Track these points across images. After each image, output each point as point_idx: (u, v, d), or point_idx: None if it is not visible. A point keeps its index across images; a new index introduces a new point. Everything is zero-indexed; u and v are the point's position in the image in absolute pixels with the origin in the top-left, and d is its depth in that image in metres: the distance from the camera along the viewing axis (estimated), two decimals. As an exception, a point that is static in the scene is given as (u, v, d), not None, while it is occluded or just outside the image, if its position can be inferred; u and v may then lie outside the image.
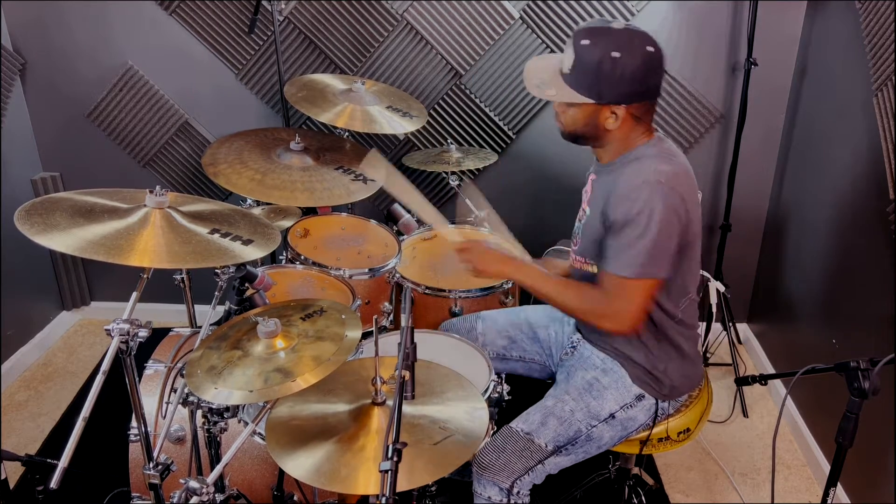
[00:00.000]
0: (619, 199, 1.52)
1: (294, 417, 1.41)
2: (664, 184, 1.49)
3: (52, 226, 1.28)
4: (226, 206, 1.57)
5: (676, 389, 1.72)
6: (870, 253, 2.08)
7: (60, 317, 3.14)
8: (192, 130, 2.87)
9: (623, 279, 1.52)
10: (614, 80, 1.50)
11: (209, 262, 1.33)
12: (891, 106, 1.94)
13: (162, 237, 1.33)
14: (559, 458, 1.67)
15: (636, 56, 1.49)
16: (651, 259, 1.50)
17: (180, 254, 1.31)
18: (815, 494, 2.31)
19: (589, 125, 1.58)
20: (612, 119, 1.54)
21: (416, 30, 2.66)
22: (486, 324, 1.97)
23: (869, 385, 1.38)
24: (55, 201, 1.38)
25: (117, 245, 1.27)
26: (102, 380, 1.24)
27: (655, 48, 1.51)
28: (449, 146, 2.60)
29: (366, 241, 2.35)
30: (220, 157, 2.11)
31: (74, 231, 1.28)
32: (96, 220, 1.33)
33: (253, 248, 1.40)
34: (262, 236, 1.46)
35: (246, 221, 1.51)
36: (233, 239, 1.40)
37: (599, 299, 1.58)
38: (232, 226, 1.46)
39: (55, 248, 1.25)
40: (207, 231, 1.40)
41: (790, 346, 2.68)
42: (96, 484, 2.15)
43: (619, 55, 1.47)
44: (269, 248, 1.43)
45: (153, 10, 2.68)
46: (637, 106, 1.55)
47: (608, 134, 1.58)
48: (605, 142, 1.61)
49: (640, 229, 1.49)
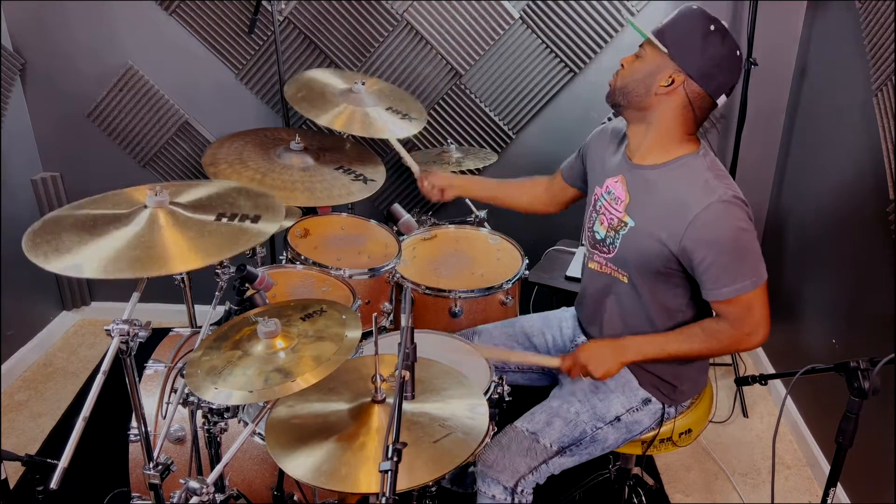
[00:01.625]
0: (701, 227, 1.49)
1: (294, 416, 1.41)
2: (738, 199, 1.50)
3: (64, 250, 1.27)
4: (218, 185, 1.55)
5: (685, 394, 1.72)
6: (870, 253, 2.08)
7: (60, 317, 3.14)
8: (192, 130, 2.87)
9: (747, 296, 1.52)
10: (696, 47, 1.50)
11: (236, 247, 1.32)
12: (891, 106, 1.94)
13: (180, 236, 1.33)
14: (563, 459, 1.67)
15: (726, 43, 1.51)
16: (757, 264, 1.52)
17: (207, 248, 1.31)
18: (815, 494, 2.31)
19: (644, 81, 1.54)
20: (667, 84, 1.52)
21: (416, 30, 2.66)
22: (482, 339, 1.96)
23: (869, 385, 1.37)
24: (56, 221, 1.35)
25: (138, 257, 1.26)
26: (102, 380, 1.24)
27: (740, 57, 1.54)
28: (449, 146, 2.60)
29: (366, 241, 2.35)
30: (220, 157, 2.11)
31: (93, 251, 1.27)
32: (103, 232, 1.32)
33: (263, 223, 1.40)
34: (266, 209, 1.46)
35: (244, 197, 1.50)
36: (241, 219, 1.40)
37: (729, 328, 1.56)
38: (234, 205, 1.45)
39: (82, 276, 1.22)
40: (214, 218, 1.40)
41: (790, 346, 2.68)
42: (96, 484, 2.15)
43: (714, 30, 1.49)
44: (278, 220, 1.43)
45: (153, 9, 2.68)
46: (695, 90, 1.52)
47: (655, 104, 1.55)
48: (647, 115, 1.57)
49: (740, 246, 1.50)
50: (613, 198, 1.65)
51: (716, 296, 1.54)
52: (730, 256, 1.50)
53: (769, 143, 2.76)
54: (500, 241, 2.41)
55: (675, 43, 1.52)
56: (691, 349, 1.61)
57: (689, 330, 1.62)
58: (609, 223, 1.66)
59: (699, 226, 1.48)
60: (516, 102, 2.75)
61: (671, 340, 1.62)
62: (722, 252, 1.49)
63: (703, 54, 1.50)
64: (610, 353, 1.63)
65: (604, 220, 1.67)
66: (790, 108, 2.68)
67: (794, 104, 2.65)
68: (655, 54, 1.54)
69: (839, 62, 2.33)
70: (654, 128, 1.58)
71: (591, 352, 1.65)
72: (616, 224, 1.64)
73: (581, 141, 1.88)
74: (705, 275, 1.52)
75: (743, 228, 1.50)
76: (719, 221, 1.48)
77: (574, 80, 2.70)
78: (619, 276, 1.66)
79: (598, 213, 1.70)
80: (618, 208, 1.64)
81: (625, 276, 1.65)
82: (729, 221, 1.49)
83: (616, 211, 1.64)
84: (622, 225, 1.62)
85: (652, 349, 1.63)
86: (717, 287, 1.52)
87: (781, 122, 2.72)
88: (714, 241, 1.49)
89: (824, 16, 2.44)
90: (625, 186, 1.63)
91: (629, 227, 1.60)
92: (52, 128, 2.89)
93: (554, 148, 2.79)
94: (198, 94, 2.82)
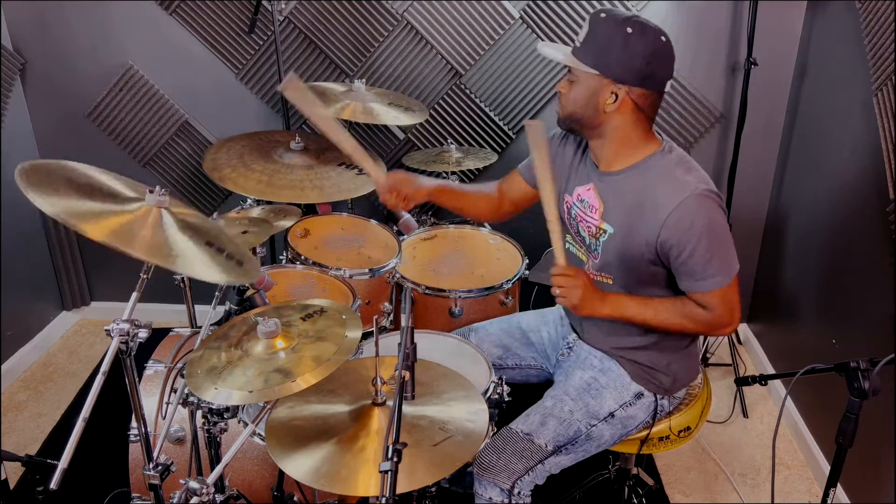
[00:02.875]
0: (675, 223, 1.49)
1: (294, 418, 1.41)
2: (710, 192, 1.51)
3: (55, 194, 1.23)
4: (215, 225, 1.50)
5: (678, 383, 1.73)
6: (870, 253, 2.08)
7: (60, 317, 3.14)
8: (192, 130, 2.87)
9: (723, 289, 1.54)
10: (622, 55, 1.48)
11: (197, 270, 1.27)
12: (891, 106, 1.94)
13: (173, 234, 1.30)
14: (559, 458, 1.67)
15: (648, 39, 1.48)
16: (730, 258, 1.55)
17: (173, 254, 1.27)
18: (815, 494, 2.31)
19: (588, 105, 1.54)
20: (612, 101, 1.51)
21: (416, 30, 2.66)
22: (479, 335, 1.96)
23: (869, 385, 1.38)
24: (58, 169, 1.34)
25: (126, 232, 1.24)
26: (102, 380, 1.24)
27: (667, 41, 1.52)
28: (449, 146, 2.60)
29: (366, 241, 2.35)
30: (221, 161, 2.11)
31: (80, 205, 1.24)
32: (97, 198, 1.30)
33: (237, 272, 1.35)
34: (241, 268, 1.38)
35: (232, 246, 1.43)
36: (227, 258, 1.35)
37: (707, 314, 1.58)
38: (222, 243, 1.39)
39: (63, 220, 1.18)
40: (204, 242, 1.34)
41: (790, 346, 2.68)
42: (96, 484, 2.15)
43: (631, 32, 1.47)
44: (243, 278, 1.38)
45: (153, 9, 2.68)
46: (640, 94, 1.51)
47: (606, 120, 1.55)
48: (602, 131, 1.57)
49: (715, 239, 1.51)
50: (587, 206, 1.66)
51: (694, 288, 1.56)
52: (707, 250, 1.51)
53: (769, 144, 2.76)
54: (500, 241, 2.41)
55: (600, 59, 1.50)
56: (668, 321, 1.61)
57: (671, 303, 1.62)
58: (588, 231, 1.67)
59: (674, 223, 1.50)
60: (516, 102, 2.75)
61: (651, 306, 1.62)
62: (698, 246, 1.50)
63: (633, 59, 1.48)
64: (598, 302, 1.61)
65: (583, 227, 1.68)
66: (790, 108, 2.68)
67: (794, 104, 2.65)
68: (587, 76, 1.52)
69: (839, 62, 2.33)
70: (609, 139, 1.59)
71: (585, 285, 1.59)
72: (595, 231, 1.65)
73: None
74: (683, 268, 1.54)
75: (717, 221, 1.51)
76: (694, 217, 1.49)
77: (574, 80, 2.70)
78: (604, 279, 1.68)
79: (576, 222, 1.71)
80: (594, 216, 1.65)
81: (610, 279, 1.66)
82: (703, 216, 1.49)
83: (592, 219, 1.65)
84: (601, 232, 1.63)
85: (633, 311, 1.62)
86: (694, 280, 1.55)
87: (781, 122, 2.72)
88: (690, 237, 1.50)
89: (824, 16, 2.44)
90: (597, 194, 1.64)
91: (608, 234, 1.62)
92: (53, 128, 2.88)
93: (554, 148, 2.79)
94: (198, 94, 2.82)
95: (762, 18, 2.48)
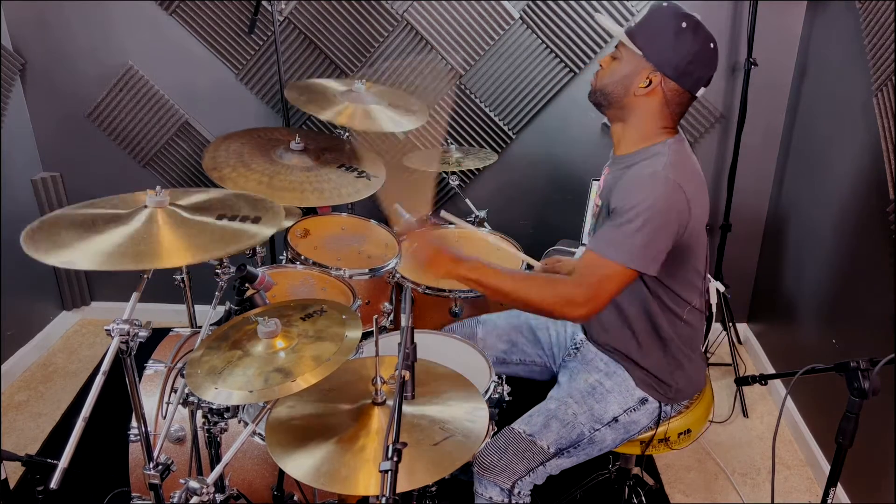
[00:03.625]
0: (623, 187, 1.52)
1: (294, 417, 1.41)
2: (672, 179, 1.48)
3: (62, 245, 1.28)
4: (218, 191, 1.56)
5: (682, 393, 1.72)
6: (870, 253, 2.08)
7: (60, 317, 3.14)
8: (192, 130, 2.87)
9: (605, 261, 1.47)
10: (669, 45, 1.51)
11: (234, 245, 1.33)
12: (891, 106, 1.94)
13: (177, 233, 1.33)
14: (561, 460, 1.67)
15: (698, 39, 1.52)
16: (640, 249, 1.46)
17: (204, 245, 1.31)
18: (815, 494, 2.31)
19: (621, 83, 1.57)
20: (645, 85, 1.54)
21: (416, 30, 2.66)
22: (486, 328, 1.96)
23: (869, 385, 1.37)
24: (55, 220, 1.36)
25: (138, 251, 1.26)
26: (102, 380, 1.24)
27: (715, 49, 1.54)
28: (449, 146, 2.60)
29: (366, 241, 2.35)
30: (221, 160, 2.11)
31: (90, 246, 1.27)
32: (102, 230, 1.32)
33: (263, 225, 1.41)
34: (266, 211, 1.47)
35: (243, 201, 1.51)
36: (241, 220, 1.41)
37: (567, 283, 1.50)
38: (233, 208, 1.46)
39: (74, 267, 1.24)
40: (215, 217, 1.40)
41: (790, 346, 2.68)
42: (96, 484, 2.15)
43: (685, 27, 1.50)
44: (277, 222, 1.44)
45: (153, 9, 2.68)
46: (673, 88, 1.54)
47: (633, 103, 1.57)
48: (626, 114, 1.59)
49: (638, 219, 1.46)
50: (599, 188, 1.72)
51: (589, 244, 1.54)
52: (628, 220, 1.46)
53: (769, 143, 2.76)
54: (500, 241, 2.41)
55: (648, 43, 1.53)
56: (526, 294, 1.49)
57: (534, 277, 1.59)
58: (593, 213, 1.73)
59: (625, 181, 1.52)
60: (516, 102, 2.75)
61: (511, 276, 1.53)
62: (625, 213, 1.47)
63: (677, 52, 1.51)
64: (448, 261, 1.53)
65: (595, 210, 1.73)
66: (790, 109, 2.68)
67: (794, 104, 2.65)
68: (631, 55, 1.56)
69: (839, 62, 2.33)
70: (630, 123, 1.61)
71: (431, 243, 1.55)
72: (596, 211, 1.71)
73: (580, 140, 1.89)
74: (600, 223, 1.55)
75: (657, 209, 1.46)
76: (640, 187, 1.49)
77: (574, 80, 2.70)
78: None
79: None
80: (597, 195, 1.71)
81: None
82: (649, 193, 1.47)
83: (595, 199, 1.71)
84: (597, 210, 1.70)
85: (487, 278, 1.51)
86: (597, 238, 1.53)
87: (781, 122, 2.72)
88: (624, 201, 1.48)
89: (824, 16, 2.44)
90: (604, 176, 1.70)
91: (599, 210, 1.68)
92: (52, 128, 2.89)
93: (554, 148, 2.79)
94: (198, 94, 2.82)
95: (762, 18, 2.48)
